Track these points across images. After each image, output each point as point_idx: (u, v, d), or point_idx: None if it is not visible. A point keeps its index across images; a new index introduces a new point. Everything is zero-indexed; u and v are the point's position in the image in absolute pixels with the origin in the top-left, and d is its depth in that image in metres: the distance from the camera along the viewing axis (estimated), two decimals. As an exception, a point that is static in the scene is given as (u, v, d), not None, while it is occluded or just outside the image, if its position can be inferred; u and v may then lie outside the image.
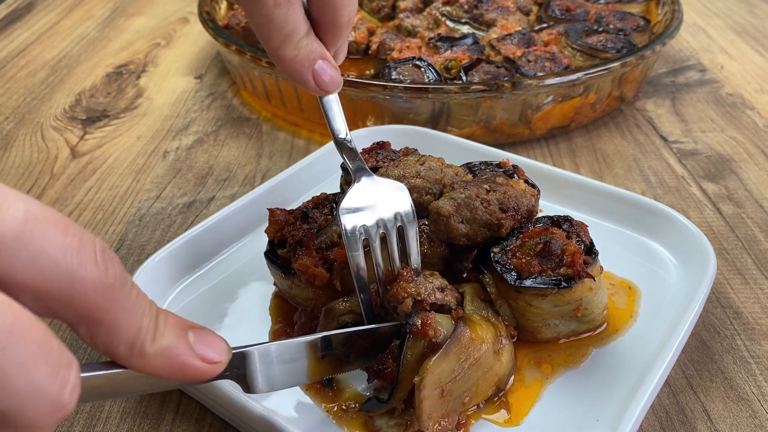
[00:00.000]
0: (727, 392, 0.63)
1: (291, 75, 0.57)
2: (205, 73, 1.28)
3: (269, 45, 0.55)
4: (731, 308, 0.72)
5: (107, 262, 0.34)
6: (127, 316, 0.35)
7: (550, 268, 0.61)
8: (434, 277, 0.61)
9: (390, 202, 0.60)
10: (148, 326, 0.37)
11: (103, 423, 0.61)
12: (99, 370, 0.38)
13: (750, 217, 0.87)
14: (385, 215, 0.60)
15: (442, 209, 0.65)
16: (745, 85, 1.20)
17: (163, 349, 0.37)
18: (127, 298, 0.35)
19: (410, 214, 0.61)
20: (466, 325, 0.56)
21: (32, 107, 1.17)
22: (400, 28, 1.24)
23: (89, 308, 0.34)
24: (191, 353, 0.39)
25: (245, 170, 0.98)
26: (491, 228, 0.65)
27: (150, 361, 0.37)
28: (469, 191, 0.66)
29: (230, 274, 0.74)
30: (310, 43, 0.55)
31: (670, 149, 1.02)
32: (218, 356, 0.41)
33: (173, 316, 0.39)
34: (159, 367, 0.37)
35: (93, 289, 0.33)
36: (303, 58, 0.55)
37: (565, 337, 0.65)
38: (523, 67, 1.04)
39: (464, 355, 0.55)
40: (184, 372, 0.38)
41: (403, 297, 0.58)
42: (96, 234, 0.88)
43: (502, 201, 0.65)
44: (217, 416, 0.61)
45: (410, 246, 0.61)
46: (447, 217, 0.64)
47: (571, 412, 0.59)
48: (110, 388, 0.39)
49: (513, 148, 1.01)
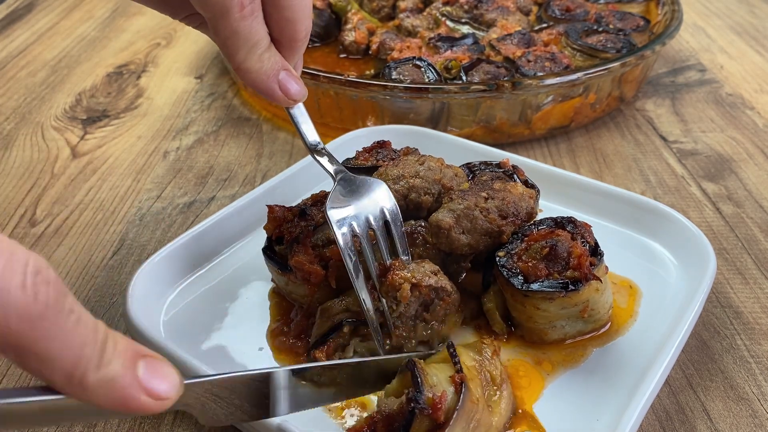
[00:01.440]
0: (727, 392, 0.63)
1: (257, 87, 0.58)
2: (206, 73, 1.28)
3: (235, 59, 0.56)
4: (731, 308, 0.72)
5: (38, 286, 0.31)
6: (61, 346, 0.32)
7: (557, 271, 0.61)
8: (426, 263, 0.62)
9: (373, 199, 0.62)
10: (90, 355, 0.33)
11: (102, 425, 0.61)
12: (33, 396, 0.34)
13: (750, 217, 0.87)
14: (371, 212, 0.62)
15: (442, 222, 0.64)
16: (744, 85, 1.20)
17: (107, 380, 0.34)
18: (62, 327, 0.32)
19: (394, 209, 0.63)
20: (469, 389, 0.53)
21: (33, 107, 1.17)
22: (400, 28, 1.24)
23: (14, 338, 0.30)
24: (137, 386, 0.35)
25: (245, 170, 0.98)
26: (492, 235, 0.65)
27: (91, 392, 0.34)
28: (467, 201, 0.66)
29: (230, 273, 0.74)
30: (272, 55, 0.57)
31: (670, 149, 1.02)
32: (168, 391, 0.37)
33: (123, 342, 0.36)
34: (101, 398, 0.34)
35: (18, 317, 0.30)
36: (268, 69, 0.57)
37: (572, 338, 0.65)
38: (523, 67, 1.04)
39: (468, 423, 0.53)
40: (127, 406, 0.35)
41: (399, 283, 0.59)
42: (96, 234, 0.89)
43: (501, 208, 0.65)
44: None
45: (397, 239, 0.62)
46: (448, 229, 0.64)
47: (572, 411, 0.59)
48: (49, 416, 0.35)
49: (513, 148, 1.01)
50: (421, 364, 0.55)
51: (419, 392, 0.52)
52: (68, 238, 0.85)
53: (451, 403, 0.53)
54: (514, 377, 0.62)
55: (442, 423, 0.51)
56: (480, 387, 0.56)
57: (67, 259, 0.81)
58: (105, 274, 0.79)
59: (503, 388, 0.58)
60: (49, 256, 0.82)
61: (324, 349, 0.61)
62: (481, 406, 0.55)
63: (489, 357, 0.59)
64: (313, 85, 1.00)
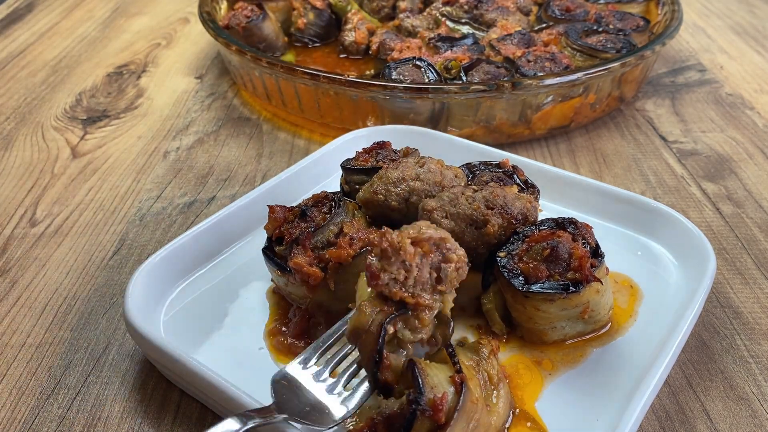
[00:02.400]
0: (727, 392, 0.63)
1: None
2: (206, 73, 1.28)
3: None
4: (731, 308, 0.72)
5: None
6: None
7: (558, 273, 0.61)
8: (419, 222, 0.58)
9: None
10: None
11: (103, 423, 0.61)
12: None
13: (750, 217, 0.87)
14: None
15: (426, 203, 0.66)
16: (744, 85, 1.20)
17: None
18: None
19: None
20: (468, 389, 0.53)
21: (33, 107, 1.17)
22: (400, 28, 1.24)
23: None
24: None
25: (246, 170, 0.98)
26: (477, 225, 0.64)
27: None
28: (456, 190, 0.66)
29: (231, 273, 0.74)
30: None
31: (670, 149, 1.02)
32: None
33: None
34: None
35: None
36: None
37: (572, 339, 0.65)
38: (523, 67, 1.04)
39: (468, 423, 0.53)
40: None
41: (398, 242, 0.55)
42: (96, 234, 0.89)
43: (488, 198, 0.65)
44: (218, 416, 0.62)
45: None
46: (430, 211, 0.64)
47: (571, 411, 0.59)
48: None
49: (513, 148, 1.01)
50: (422, 365, 0.55)
51: (420, 393, 0.51)
52: (68, 238, 0.85)
53: (452, 404, 0.52)
54: (513, 377, 0.62)
55: (443, 424, 0.51)
56: (479, 387, 0.56)
57: (67, 259, 0.81)
58: (105, 274, 0.79)
59: (500, 387, 0.58)
60: (49, 256, 0.82)
61: (384, 363, 0.55)
62: (480, 405, 0.55)
63: (486, 357, 0.59)
64: (313, 85, 1.00)
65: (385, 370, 0.55)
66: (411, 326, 0.56)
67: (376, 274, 0.55)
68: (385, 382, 0.55)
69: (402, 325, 0.56)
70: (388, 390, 0.55)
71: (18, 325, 0.72)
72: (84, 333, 0.70)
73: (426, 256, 0.56)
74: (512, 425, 0.58)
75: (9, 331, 0.71)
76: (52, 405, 0.63)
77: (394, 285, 0.55)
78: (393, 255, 0.55)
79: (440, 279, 0.57)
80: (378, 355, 0.54)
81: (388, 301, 0.56)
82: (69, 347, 0.69)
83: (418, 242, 0.55)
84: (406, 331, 0.56)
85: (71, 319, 0.72)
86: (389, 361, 0.55)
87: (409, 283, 0.56)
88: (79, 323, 0.72)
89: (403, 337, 0.56)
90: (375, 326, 0.55)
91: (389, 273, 0.55)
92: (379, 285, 0.55)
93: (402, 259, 0.55)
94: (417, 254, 0.55)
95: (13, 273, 0.79)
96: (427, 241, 0.55)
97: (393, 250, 0.55)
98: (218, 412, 0.61)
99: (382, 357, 0.54)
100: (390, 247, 0.55)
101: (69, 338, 0.70)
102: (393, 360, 0.55)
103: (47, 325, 0.72)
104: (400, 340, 0.56)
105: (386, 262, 0.55)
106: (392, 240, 0.55)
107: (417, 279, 0.56)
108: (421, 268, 0.56)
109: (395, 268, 0.55)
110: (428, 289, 0.56)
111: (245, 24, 1.16)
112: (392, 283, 0.55)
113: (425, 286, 0.56)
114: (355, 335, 0.56)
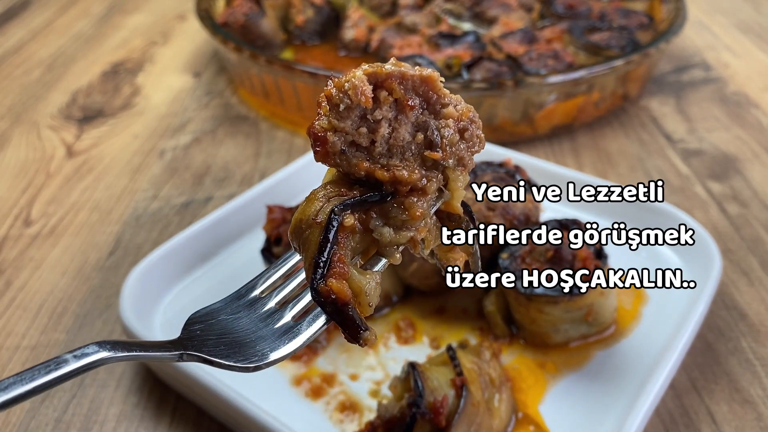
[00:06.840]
0: (732, 395, 0.62)
1: None
2: (203, 71, 1.27)
3: None
4: (736, 310, 0.71)
5: None
6: None
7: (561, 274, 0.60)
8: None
9: None
10: None
11: (99, 426, 0.60)
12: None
13: (755, 218, 0.85)
14: None
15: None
16: (750, 84, 1.19)
17: None
18: None
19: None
20: (469, 392, 0.52)
21: (28, 106, 1.16)
22: (400, 25, 1.23)
23: None
24: None
25: (243, 169, 0.97)
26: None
27: None
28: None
29: (229, 274, 0.73)
30: None
31: (675, 148, 1.01)
32: None
33: None
34: None
35: None
36: None
37: (575, 341, 0.64)
38: (526, 64, 1.03)
39: (469, 426, 0.53)
40: None
41: (352, 83, 0.37)
42: (92, 234, 0.88)
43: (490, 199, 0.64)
44: (214, 419, 0.61)
45: None
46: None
47: (575, 414, 0.58)
48: None
49: (516, 147, 1.00)
50: (422, 368, 0.54)
51: (420, 397, 0.51)
52: (64, 239, 0.84)
53: (452, 407, 0.52)
54: (516, 380, 0.61)
55: (444, 428, 0.50)
56: (480, 390, 0.55)
57: (63, 260, 0.80)
58: (101, 276, 0.77)
59: (503, 390, 0.57)
60: (45, 257, 0.81)
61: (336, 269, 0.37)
62: (482, 409, 0.54)
63: (488, 359, 0.58)
64: (312, 83, 0.99)
65: (332, 277, 0.36)
66: (394, 220, 0.38)
67: (322, 136, 0.37)
68: (330, 298, 0.36)
69: (378, 218, 0.38)
70: (338, 312, 0.36)
71: (13, 327, 0.71)
72: (79, 335, 0.69)
73: (403, 106, 0.37)
74: (515, 429, 0.57)
75: (4, 333, 0.70)
76: (47, 408, 0.62)
77: (354, 153, 0.37)
78: (342, 102, 0.37)
79: (432, 143, 0.38)
80: (320, 252, 0.36)
81: (355, 185, 0.38)
82: (64, 350, 0.68)
83: (383, 83, 0.37)
84: (384, 229, 0.38)
85: (66, 321, 0.71)
86: (343, 268, 0.36)
87: (378, 149, 0.37)
88: (75, 325, 0.71)
89: (381, 238, 0.38)
90: (323, 216, 0.37)
91: (342, 133, 0.37)
92: (327, 154, 0.37)
93: (361, 110, 0.37)
94: (386, 102, 0.37)
95: (8, 274, 0.78)
96: (396, 80, 0.37)
97: (342, 93, 0.37)
98: (215, 415, 0.60)
99: (329, 258, 0.36)
100: (338, 89, 0.37)
101: (64, 340, 0.69)
102: (351, 269, 0.37)
103: (42, 327, 0.71)
104: (379, 244, 0.38)
105: (336, 115, 0.37)
106: (339, 81, 0.37)
107: (392, 142, 0.37)
108: (395, 124, 0.37)
109: (350, 123, 0.37)
110: (412, 158, 0.38)
111: (243, 21, 1.14)
112: (350, 150, 0.37)
113: (406, 154, 0.38)
114: (297, 232, 0.39)
